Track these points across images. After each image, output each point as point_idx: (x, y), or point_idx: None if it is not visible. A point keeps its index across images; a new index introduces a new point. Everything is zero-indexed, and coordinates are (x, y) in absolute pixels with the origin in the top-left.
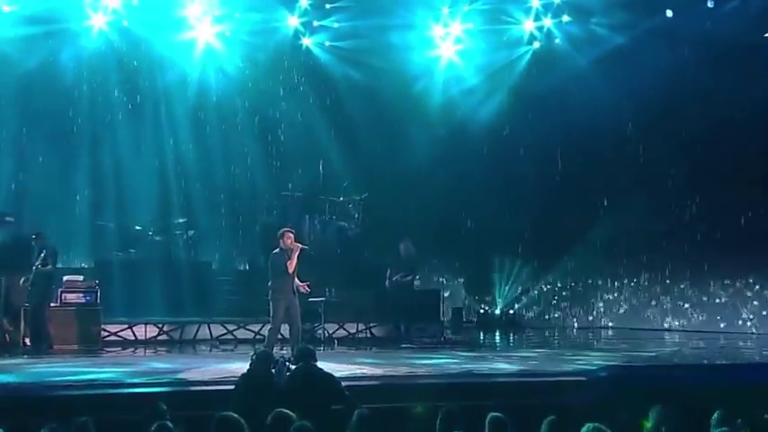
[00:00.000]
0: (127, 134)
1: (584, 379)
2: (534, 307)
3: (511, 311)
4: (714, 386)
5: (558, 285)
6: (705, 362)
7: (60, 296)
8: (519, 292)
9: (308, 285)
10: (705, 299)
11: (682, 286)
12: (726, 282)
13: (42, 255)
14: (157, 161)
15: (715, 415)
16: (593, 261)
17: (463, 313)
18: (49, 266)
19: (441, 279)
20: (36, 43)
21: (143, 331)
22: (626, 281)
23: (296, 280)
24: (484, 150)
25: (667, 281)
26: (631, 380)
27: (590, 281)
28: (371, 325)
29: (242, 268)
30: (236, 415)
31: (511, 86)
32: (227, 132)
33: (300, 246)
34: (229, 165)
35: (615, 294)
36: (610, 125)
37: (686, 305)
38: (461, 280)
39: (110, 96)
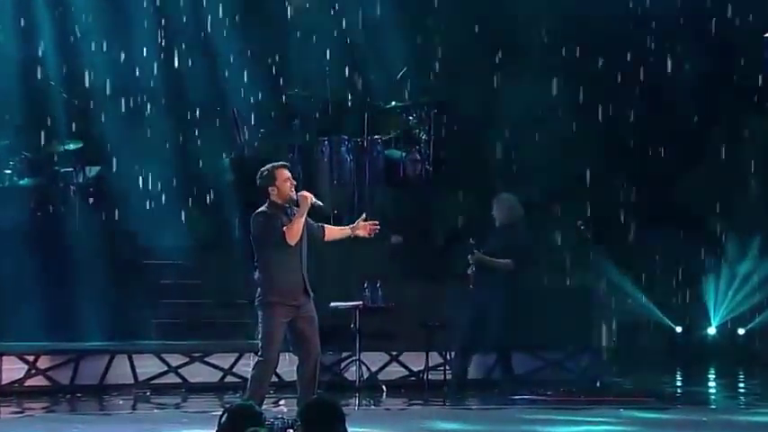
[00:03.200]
0: None
1: None
2: None
3: (740, 331)
4: None
5: None
6: None
7: None
8: (754, 299)
9: (373, 224)
10: None
11: None
12: None
13: None
14: (19, 32)
15: None
16: None
17: (639, 334)
18: None
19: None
20: None
21: None
22: None
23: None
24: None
25: None
26: None
27: None
28: (451, 353)
29: (196, 244)
30: None
31: None
32: None
33: (309, 197)
34: (169, 42)
35: None
36: None
37: None
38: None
39: None
